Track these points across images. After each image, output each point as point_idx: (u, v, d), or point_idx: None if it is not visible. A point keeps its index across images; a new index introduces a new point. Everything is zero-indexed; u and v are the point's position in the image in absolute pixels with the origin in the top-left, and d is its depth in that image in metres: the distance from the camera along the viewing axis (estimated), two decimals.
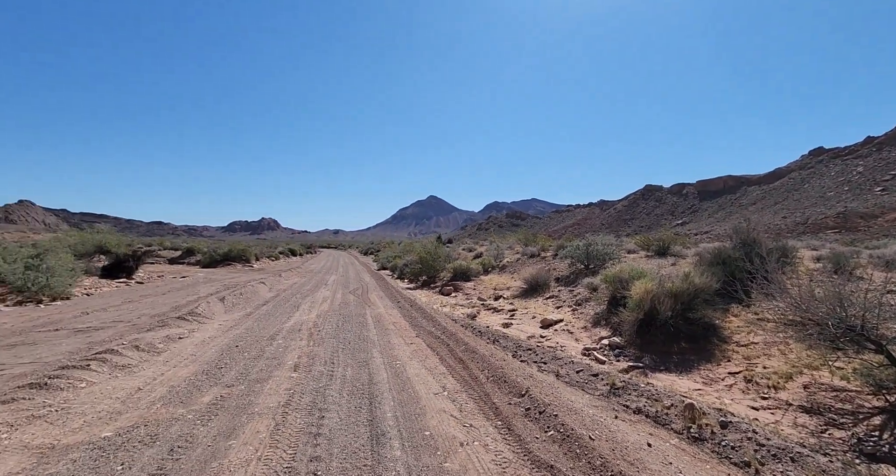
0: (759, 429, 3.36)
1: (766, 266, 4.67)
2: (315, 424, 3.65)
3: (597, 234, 13.09)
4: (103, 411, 3.82)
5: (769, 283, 4.52)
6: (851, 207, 59.64)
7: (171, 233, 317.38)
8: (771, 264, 4.71)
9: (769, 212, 75.53)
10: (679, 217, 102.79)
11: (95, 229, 17.03)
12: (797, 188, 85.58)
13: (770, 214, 71.64)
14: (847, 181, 76.56)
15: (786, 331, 4.95)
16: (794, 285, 4.50)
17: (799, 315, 4.21)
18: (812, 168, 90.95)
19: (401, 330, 7.76)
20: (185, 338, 6.72)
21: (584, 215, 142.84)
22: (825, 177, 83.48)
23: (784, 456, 2.97)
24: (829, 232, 48.18)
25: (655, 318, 5.78)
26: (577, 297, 9.19)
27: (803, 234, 46.03)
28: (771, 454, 3.01)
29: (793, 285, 4.50)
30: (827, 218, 56.59)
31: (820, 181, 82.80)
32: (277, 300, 11.35)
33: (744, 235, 7.55)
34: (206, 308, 9.05)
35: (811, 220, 57.61)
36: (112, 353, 5.34)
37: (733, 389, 4.39)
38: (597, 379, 4.71)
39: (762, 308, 5.72)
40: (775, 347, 4.94)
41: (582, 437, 3.33)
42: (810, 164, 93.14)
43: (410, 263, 18.62)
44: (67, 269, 10.78)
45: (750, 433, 3.26)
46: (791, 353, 4.75)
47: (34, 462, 2.93)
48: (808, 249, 11.19)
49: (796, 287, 4.37)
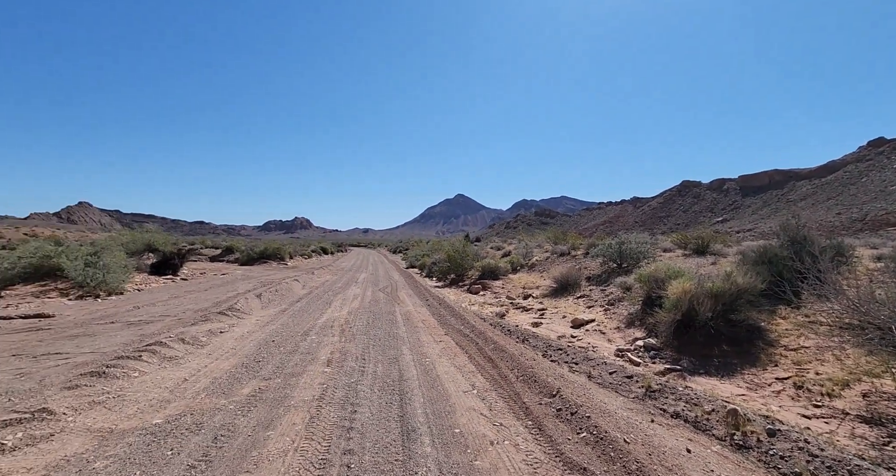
0: (812, 438, 3.14)
1: (818, 265, 4.36)
2: (348, 418, 3.74)
3: (630, 233, 12.66)
4: (154, 399, 4.08)
5: (822, 284, 4.22)
6: None
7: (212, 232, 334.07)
8: (824, 263, 4.39)
9: (821, 208, 70.41)
10: (719, 214, 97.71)
11: (145, 229, 18.19)
12: (853, 182, 79.27)
13: (822, 211, 66.79)
14: None
15: (841, 335, 4.60)
16: (851, 286, 4.18)
17: (857, 318, 3.90)
18: (871, 160, 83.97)
19: (430, 328, 7.82)
20: (226, 332, 7.06)
21: (617, 213, 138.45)
22: (887, 169, 76.86)
23: (840, 468, 2.77)
24: (890, 229, 44.33)
25: (694, 319, 5.53)
26: (609, 296, 8.93)
27: (861, 232, 42.64)
28: (825, 466, 2.81)
29: (850, 286, 4.18)
30: (889, 214, 52.10)
31: (880, 174, 76.31)
32: (310, 297, 11.71)
33: (793, 233, 7.08)
34: (244, 304, 9.47)
35: (870, 217, 53.22)
36: (161, 346, 5.69)
37: (781, 396, 4.13)
38: (631, 381, 4.56)
39: (814, 310, 5.35)
40: (829, 352, 4.60)
41: (616, 440, 3.24)
42: (869, 156, 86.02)
43: (438, 262, 18.71)
44: (121, 266, 11.59)
45: (801, 443, 3.05)
46: (848, 359, 4.41)
47: (96, 444, 3.17)
48: (867, 248, 10.36)
49: (854, 288, 4.06)
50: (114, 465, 2.88)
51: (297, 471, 2.84)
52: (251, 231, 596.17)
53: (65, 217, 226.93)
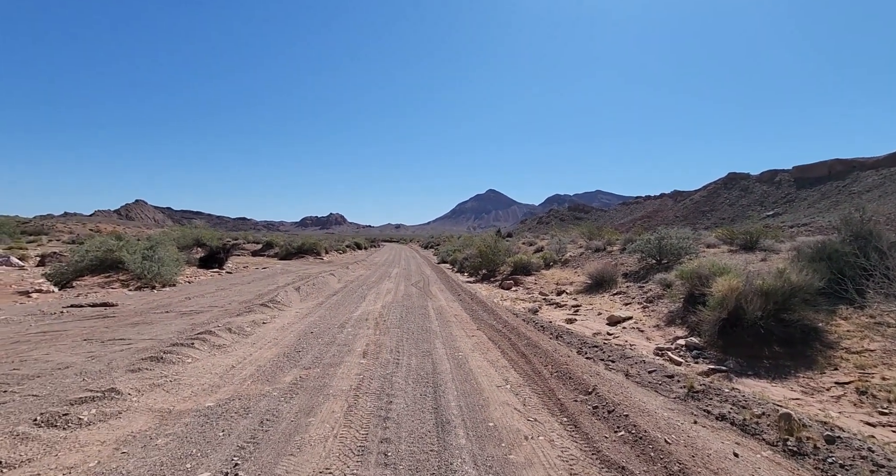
0: (877, 447, 2.91)
1: (886, 262, 4.00)
2: (384, 408, 3.84)
3: (670, 227, 12.10)
4: (206, 384, 4.36)
5: (891, 282, 3.87)
6: None
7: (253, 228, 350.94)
8: (893, 260, 4.02)
9: (890, 200, 64.19)
10: (770, 208, 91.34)
11: (193, 225, 19.38)
12: None
13: (891, 203, 60.88)
14: None
15: None
16: None
17: None
18: None
19: (462, 322, 7.86)
20: (268, 323, 7.42)
21: (656, 207, 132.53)
22: None
23: None
24: None
25: (741, 318, 5.23)
26: (647, 293, 8.62)
27: None
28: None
29: None
30: None
31: None
32: (346, 291, 12.07)
33: (856, 227, 6.52)
34: (284, 296, 9.90)
35: None
36: (210, 334, 6.06)
37: (842, 401, 3.85)
38: (672, 380, 4.40)
39: (881, 311, 4.92)
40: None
41: (657, 440, 3.14)
42: None
43: (470, 257, 18.72)
44: (173, 260, 12.43)
45: (864, 451, 2.83)
46: None
47: (157, 423, 3.45)
48: None
49: None
50: (173, 442, 3.12)
51: (336, 456, 2.96)
52: (289, 227, 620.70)
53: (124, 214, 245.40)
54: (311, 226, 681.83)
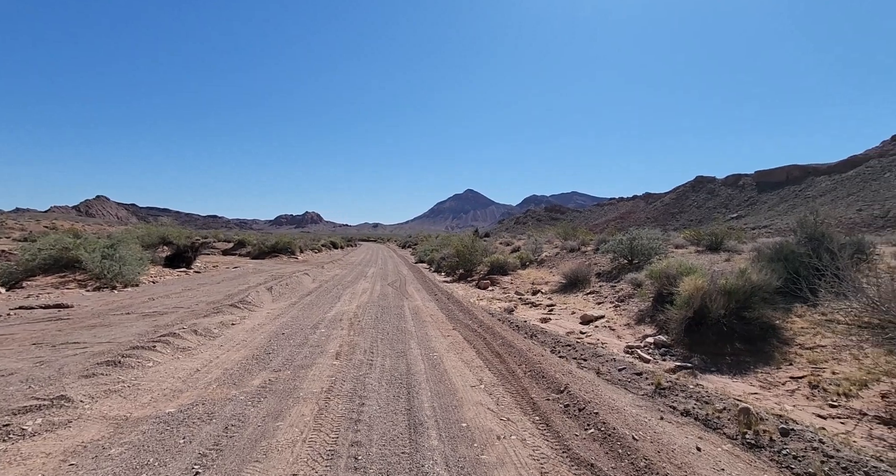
0: (827, 439, 3.07)
1: (837, 263, 4.24)
2: (356, 411, 3.77)
3: (642, 228, 12.48)
4: (167, 389, 4.16)
5: (841, 282, 4.10)
6: None
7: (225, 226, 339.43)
8: (843, 261, 4.26)
9: (841, 204, 68.53)
10: (734, 210, 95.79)
11: (160, 222, 18.53)
12: (876, 178, 76.91)
13: (842, 207, 65.00)
14: None
15: (860, 334, 4.49)
16: (871, 284, 4.06)
17: (877, 317, 3.79)
18: (895, 155, 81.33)
19: (438, 322, 7.84)
20: (237, 324, 7.17)
21: (628, 209, 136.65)
22: None
23: (857, 470, 2.70)
24: None
25: (706, 316, 5.44)
26: (619, 293, 8.84)
27: (883, 229, 41.38)
28: (841, 467, 2.74)
29: (870, 284, 4.06)
30: None
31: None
32: (320, 291, 11.82)
33: (810, 229, 6.90)
34: (255, 297, 9.60)
35: (893, 213, 51.64)
36: (174, 337, 5.80)
37: (796, 395, 4.05)
38: (640, 378, 4.51)
39: (831, 308, 5.21)
40: (847, 352, 4.49)
41: (624, 436, 3.21)
42: (892, 151, 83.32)
43: (447, 257, 18.72)
44: (136, 259, 11.84)
45: (815, 443, 2.99)
46: (866, 359, 4.30)
47: (111, 431, 3.25)
48: (889, 245, 10.04)
49: (874, 286, 3.94)
50: (128, 451, 2.95)
51: (305, 461, 2.87)
52: (263, 225, 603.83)
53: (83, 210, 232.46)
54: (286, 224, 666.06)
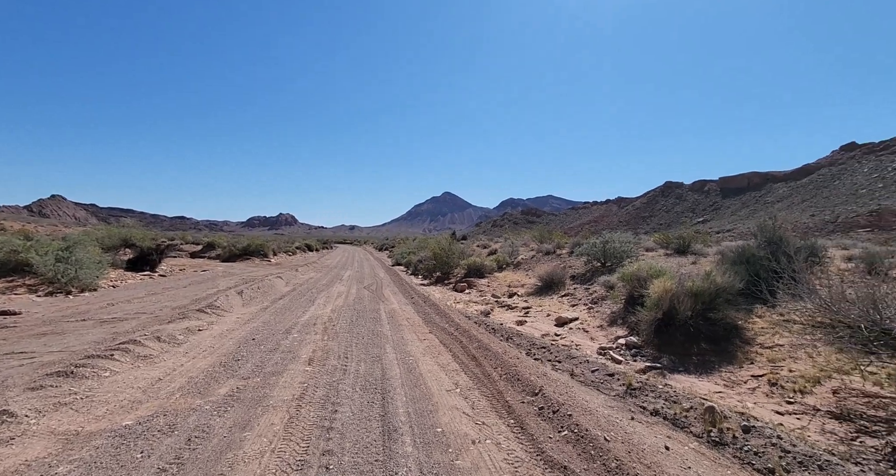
0: (784, 434, 3.22)
1: (793, 265, 4.48)
2: (328, 418, 3.67)
3: (614, 232, 12.83)
4: (125, 400, 3.93)
5: (796, 284, 4.33)
6: (885, 205, 56.93)
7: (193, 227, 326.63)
8: (798, 264, 4.50)
9: (797, 209, 72.81)
10: (700, 214, 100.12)
11: (122, 224, 17.61)
12: (827, 185, 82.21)
13: (797, 212, 69.06)
14: (881, 178, 73.12)
15: (814, 333, 4.74)
16: (823, 286, 4.30)
17: (829, 317, 4.02)
18: (843, 164, 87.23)
19: (414, 326, 7.77)
20: (205, 330, 6.88)
21: (602, 212, 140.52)
22: (857, 173, 79.96)
23: (811, 463, 2.84)
24: (860, 231, 46.11)
25: (674, 317, 5.62)
26: (592, 295, 9.03)
27: (833, 233, 44.20)
28: (797, 461, 2.88)
29: (822, 286, 4.30)
30: (859, 216, 54.21)
31: (852, 178, 79.35)
32: (293, 294, 11.53)
33: (769, 233, 7.27)
34: (224, 301, 9.25)
35: (842, 219, 55.27)
36: (135, 344, 5.50)
37: (757, 393, 4.23)
38: (613, 379, 4.61)
39: (788, 309, 5.50)
40: (802, 350, 4.73)
41: (597, 438, 3.25)
42: (841, 160, 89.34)
43: (425, 260, 18.66)
44: (95, 262, 11.18)
45: (774, 439, 3.12)
46: (819, 357, 4.54)
47: (59, 448, 3.03)
48: (839, 249, 10.72)
49: (826, 288, 4.18)
50: (78, 469, 2.75)
51: (273, 472, 2.77)
52: (234, 227, 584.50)
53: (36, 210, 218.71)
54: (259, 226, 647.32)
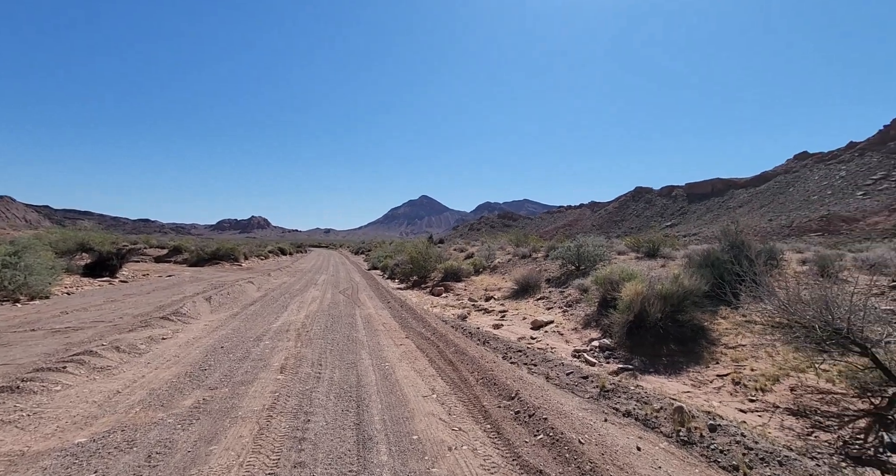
0: (748, 432, 3.36)
1: (754, 268, 4.70)
2: (300, 428, 3.56)
3: (588, 236, 13.13)
4: (78, 416, 3.68)
5: (757, 286, 4.54)
6: (834, 211, 61.01)
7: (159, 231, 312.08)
8: (759, 267, 4.73)
9: (756, 214, 76.88)
10: (668, 219, 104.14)
11: (78, 227, 16.61)
12: (782, 191, 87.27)
13: (757, 217, 72.93)
14: (830, 185, 78.31)
15: (773, 333, 4.98)
16: (781, 288, 4.53)
17: (786, 317, 4.23)
18: (797, 172, 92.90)
19: (390, 331, 7.68)
20: (169, 338, 6.56)
21: (576, 216, 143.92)
22: (809, 181, 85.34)
23: (772, 459, 2.97)
24: (812, 235, 49.19)
25: (645, 319, 5.79)
26: (567, 298, 9.20)
27: (788, 237, 46.94)
28: (759, 458, 3.00)
29: (780, 288, 4.53)
30: (811, 221, 57.82)
31: (804, 185, 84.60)
32: (265, 300, 11.18)
33: (732, 238, 7.62)
34: (191, 308, 8.86)
35: (796, 223, 58.78)
36: (90, 355, 5.17)
37: (722, 392, 4.40)
38: (587, 381, 4.69)
39: (750, 310, 5.77)
40: (763, 350, 4.97)
41: (572, 441, 3.29)
42: (795, 168, 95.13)
43: (401, 263, 18.52)
44: (47, 268, 10.47)
45: (738, 436, 3.25)
46: (778, 356, 4.78)
47: (1, 470, 2.80)
48: (794, 252, 11.37)
49: (783, 290, 4.40)
50: None
51: None
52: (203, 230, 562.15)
53: None
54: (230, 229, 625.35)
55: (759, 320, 5.40)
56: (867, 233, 45.87)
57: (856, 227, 51.40)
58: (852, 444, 3.23)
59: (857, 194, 68.80)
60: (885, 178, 70.67)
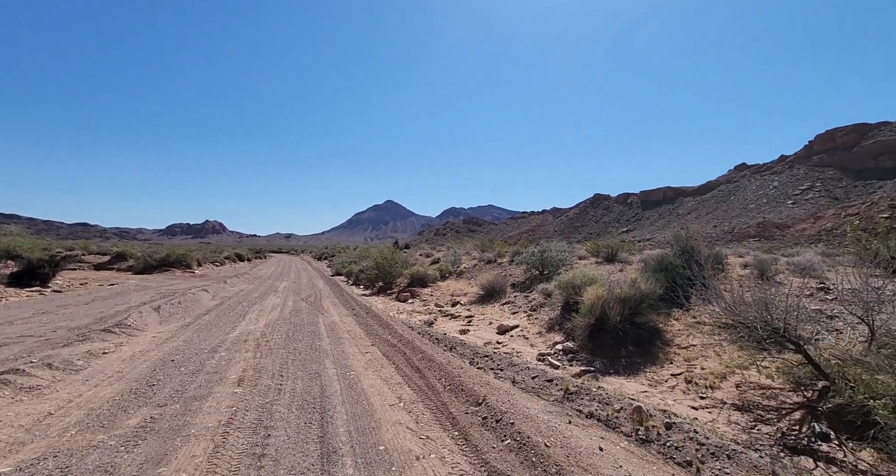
0: (699, 428, 3.56)
1: (703, 273, 5.02)
2: (260, 444, 3.39)
3: (550, 241, 13.52)
4: (2, 442, 3.31)
5: (707, 289, 4.86)
6: (769, 218, 66.62)
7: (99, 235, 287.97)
8: (708, 271, 5.07)
9: (702, 221, 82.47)
10: (624, 225, 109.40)
11: (3, 231, 15.02)
12: (725, 200, 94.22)
13: (703, 223, 78.25)
14: (765, 194, 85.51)
15: (720, 333, 5.34)
16: (727, 291, 4.88)
17: (731, 318, 4.55)
18: (737, 182, 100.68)
19: (355, 338, 7.51)
20: (111, 353, 6.06)
21: (539, 222, 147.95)
22: (748, 190, 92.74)
23: (721, 454, 3.17)
24: (751, 240, 53.42)
25: (606, 322, 6.02)
26: (532, 302, 9.40)
27: (730, 242, 50.67)
28: (710, 453, 3.19)
29: (726, 291, 4.87)
30: (749, 227, 62.75)
31: (743, 194, 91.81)
32: (221, 309, 10.60)
33: (683, 243, 8.11)
34: (137, 319, 8.24)
35: (737, 229, 63.59)
36: (16, 374, 4.68)
37: (676, 390, 4.65)
38: (551, 384, 4.80)
39: (700, 312, 6.15)
40: (711, 349, 5.31)
41: (538, 444, 3.35)
42: (735, 179, 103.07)
43: (366, 269, 18.21)
44: None
45: (691, 433, 3.44)
46: (725, 354, 5.12)
47: None
48: (736, 256, 12.28)
49: (729, 292, 4.74)
50: None
51: None
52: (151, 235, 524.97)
53: None
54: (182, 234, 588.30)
55: (707, 321, 5.78)
56: (797, 238, 50.47)
57: (787, 233, 56.40)
58: (789, 435, 3.51)
59: (788, 203, 75.67)
60: (810, 188, 78.24)
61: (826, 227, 52.11)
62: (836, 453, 3.21)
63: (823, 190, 76.30)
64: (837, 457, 3.17)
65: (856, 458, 3.13)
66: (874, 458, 3.10)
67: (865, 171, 78.28)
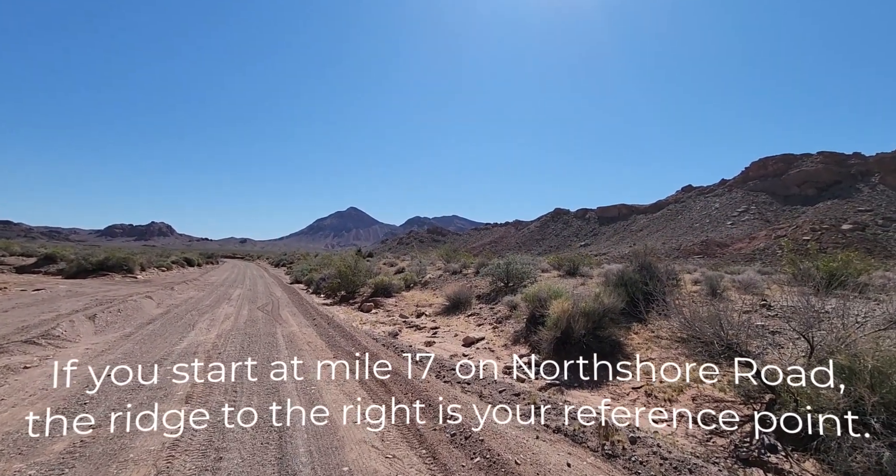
0: (662, 442, 3.67)
1: (662, 288, 5.26)
2: (210, 468, 3.12)
3: (515, 253, 13.75)
4: None
5: (665, 304, 5.09)
6: (711, 237, 71.95)
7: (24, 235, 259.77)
8: (666, 287, 5.32)
9: (653, 237, 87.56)
10: (582, 239, 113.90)
11: None
12: (673, 218, 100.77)
13: (654, 240, 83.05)
14: (708, 215, 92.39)
15: (677, 347, 5.60)
16: (683, 306, 5.13)
17: (687, 333, 4.78)
18: (684, 202, 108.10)
19: (316, 350, 7.18)
20: (34, 367, 5.41)
21: (501, 234, 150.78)
22: (693, 210, 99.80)
23: (683, 468, 3.27)
24: (695, 257, 57.31)
25: (571, 336, 6.14)
26: (497, 314, 9.45)
27: (678, 259, 54.04)
28: (673, 467, 3.28)
29: (683, 306, 5.13)
30: (694, 245, 67.39)
31: (689, 214, 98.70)
32: (167, 317, 9.81)
33: (642, 259, 8.51)
34: (67, 328, 7.44)
35: (683, 247, 68.03)
36: None
37: (637, 403, 4.79)
38: (518, 399, 4.79)
39: (658, 326, 6.43)
40: (669, 363, 5.53)
41: (508, 462, 3.31)
42: (682, 199, 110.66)
43: (328, 277, 17.63)
44: None
45: (655, 447, 3.53)
46: (682, 368, 5.36)
47: None
48: (686, 273, 13.06)
49: (686, 308, 4.99)
50: None
51: None
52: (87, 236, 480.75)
53: None
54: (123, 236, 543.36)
55: (665, 335, 6.04)
56: (734, 256, 54.74)
57: (727, 251, 61.06)
58: (741, 446, 3.70)
59: (727, 224, 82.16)
60: (746, 211, 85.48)
61: (759, 247, 57.04)
62: (783, 464, 3.41)
63: (757, 212, 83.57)
64: (785, 468, 3.37)
65: (801, 469, 3.34)
66: (816, 468, 3.31)
67: (791, 197, 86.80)
